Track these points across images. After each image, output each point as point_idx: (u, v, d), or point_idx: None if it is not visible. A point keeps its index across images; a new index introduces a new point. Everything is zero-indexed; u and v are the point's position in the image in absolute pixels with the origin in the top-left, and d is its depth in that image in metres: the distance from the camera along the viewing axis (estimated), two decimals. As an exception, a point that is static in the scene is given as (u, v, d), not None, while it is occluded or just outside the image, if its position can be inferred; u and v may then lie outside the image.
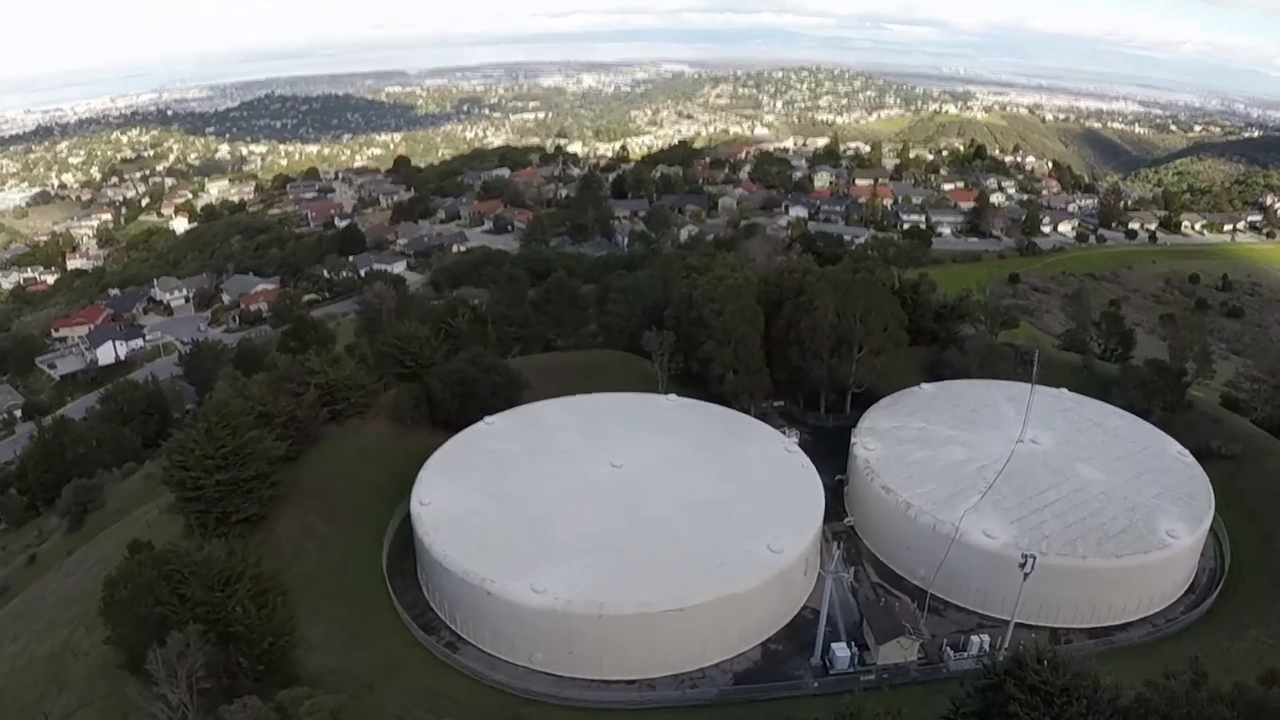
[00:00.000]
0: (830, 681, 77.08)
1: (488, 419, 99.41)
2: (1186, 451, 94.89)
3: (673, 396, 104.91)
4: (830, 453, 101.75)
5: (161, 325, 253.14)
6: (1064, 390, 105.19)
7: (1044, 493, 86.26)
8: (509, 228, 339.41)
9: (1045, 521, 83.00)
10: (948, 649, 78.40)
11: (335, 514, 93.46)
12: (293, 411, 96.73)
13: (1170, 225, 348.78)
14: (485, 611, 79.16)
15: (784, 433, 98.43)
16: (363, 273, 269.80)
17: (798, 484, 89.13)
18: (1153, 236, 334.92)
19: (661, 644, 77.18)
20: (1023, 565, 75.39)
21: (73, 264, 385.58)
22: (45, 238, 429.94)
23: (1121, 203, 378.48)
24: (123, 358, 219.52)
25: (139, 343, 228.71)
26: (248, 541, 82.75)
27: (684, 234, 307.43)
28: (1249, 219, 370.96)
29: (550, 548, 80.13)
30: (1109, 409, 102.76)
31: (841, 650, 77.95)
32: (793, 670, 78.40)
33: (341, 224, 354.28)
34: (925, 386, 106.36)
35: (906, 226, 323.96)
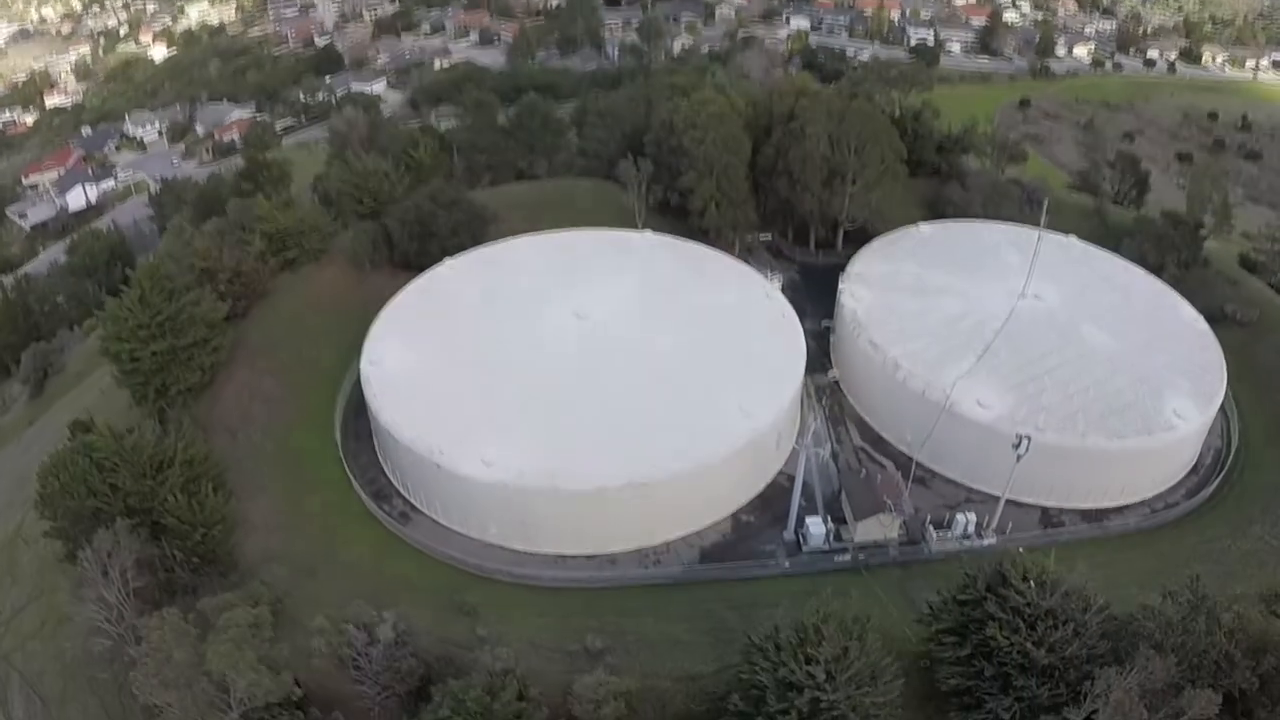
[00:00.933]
0: (803, 561, 69.77)
1: (447, 262, 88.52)
2: (1201, 318, 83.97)
3: (648, 233, 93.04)
4: (819, 293, 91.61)
5: (134, 163, 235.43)
6: (1073, 238, 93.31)
7: (1045, 357, 76.35)
8: (495, 40, 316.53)
9: (1045, 391, 73.51)
10: (930, 528, 70.90)
11: (286, 373, 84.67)
12: (237, 265, 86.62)
13: (1190, 56, 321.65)
14: (436, 483, 71.35)
15: (766, 276, 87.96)
16: (338, 95, 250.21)
17: (777, 337, 78.89)
18: (1171, 67, 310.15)
19: (622, 519, 69.47)
20: (1016, 446, 66.76)
21: (51, 102, 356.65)
22: (24, 76, 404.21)
23: (1141, 29, 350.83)
24: (94, 201, 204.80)
25: (110, 184, 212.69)
26: (184, 418, 74.48)
27: (678, 45, 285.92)
28: (1273, 57, 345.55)
29: (505, 413, 71.23)
30: (1120, 263, 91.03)
31: (816, 527, 70.21)
32: (764, 545, 70.87)
33: (321, 42, 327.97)
34: (923, 227, 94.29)
35: (914, 43, 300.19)
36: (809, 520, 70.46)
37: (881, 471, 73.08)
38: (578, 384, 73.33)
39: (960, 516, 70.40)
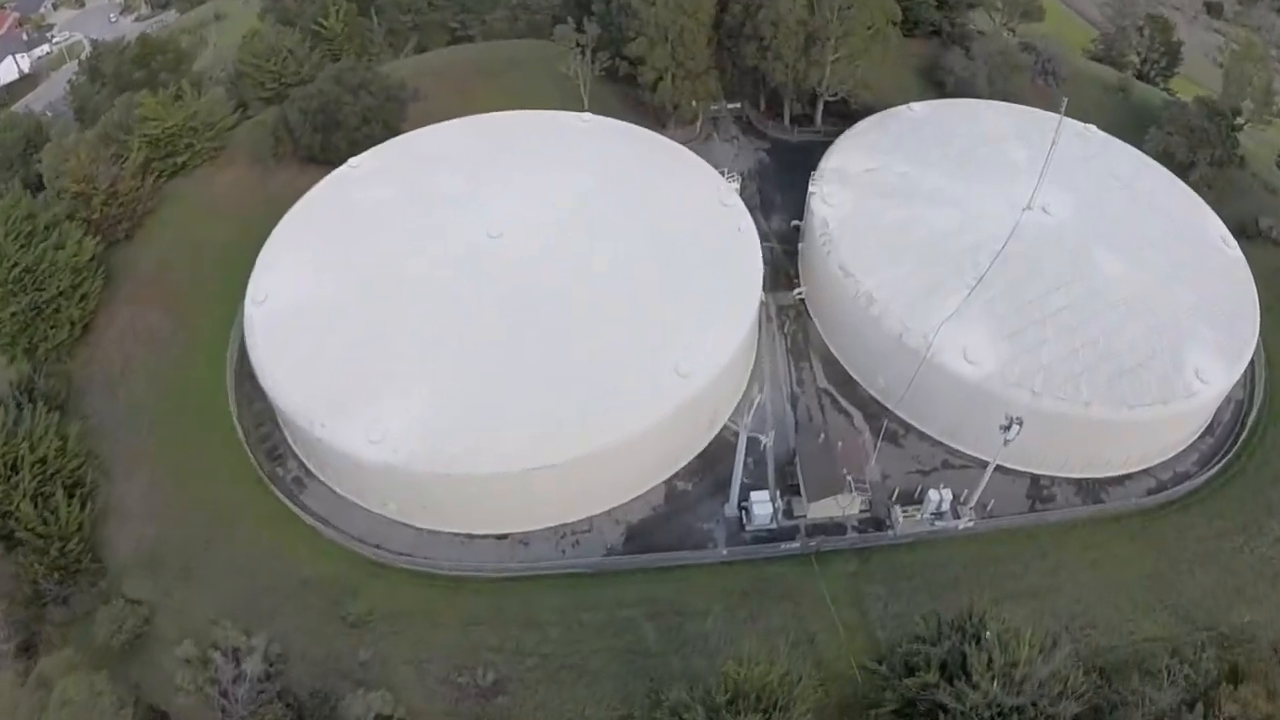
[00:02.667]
0: (745, 544, 56.17)
1: (351, 163, 69.26)
2: (1231, 239, 67.61)
3: (588, 116, 73.17)
4: (791, 180, 74.04)
5: (71, 22, 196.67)
6: (1092, 128, 74.49)
7: (1050, 294, 60.70)
8: None
9: (1046, 342, 58.49)
10: (897, 510, 58.11)
11: (177, 303, 68.64)
12: (112, 185, 68.86)
13: None
14: (323, 456, 57.41)
15: (724, 174, 69.63)
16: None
17: (730, 260, 62.08)
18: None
19: (533, 499, 55.59)
20: (1005, 429, 53.04)
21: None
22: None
23: None
24: (27, 71, 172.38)
25: (44, 49, 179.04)
26: (39, 400, 59.89)
27: None
28: None
29: (398, 367, 55.79)
30: (1143, 161, 72.89)
31: (762, 507, 56.51)
32: (701, 522, 57.61)
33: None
34: (916, 107, 74.92)
35: None
36: (754, 496, 57.18)
37: (840, 444, 58.52)
38: (484, 328, 57.25)
39: (933, 493, 57.14)
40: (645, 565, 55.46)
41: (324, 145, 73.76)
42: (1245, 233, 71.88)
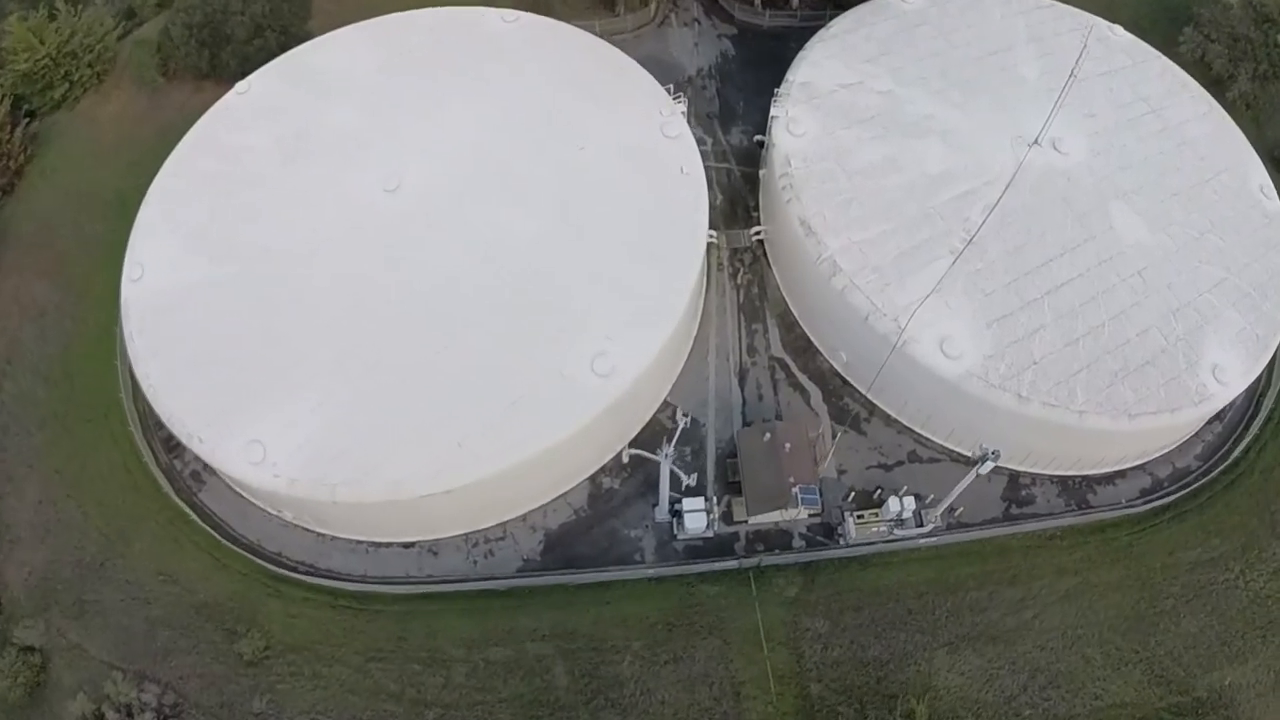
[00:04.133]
0: (677, 555, 46.68)
1: (238, 88, 53.57)
2: (1271, 188, 53.66)
3: (514, 14, 56.19)
4: (759, 79, 58.64)
5: None
6: (1118, 29, 58.78)
7: (1052, 264, 48.23)
8: None
9: (1041, 329, 46.66)
10: (849, 521, 48.05)
11: (65, 268, 55.98)
12: None
13: None
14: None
15: (669, 93, 53.63)
16: None
17: (668, 216, 48.21)
18: None
19: (435, 517, 45.56)
20: (978, 462, 42.33)
21: None
22: None
23: None
24: None
25: None
26: None
27: None
28: None
29: (279, 370, 44.04)
30: (1176, 78, 57.23)
31: (694, 520, 46.39)
32: (629, 527, 47.33)
33: None
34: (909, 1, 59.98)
35: None
36: (687, 502, 47.04)
37: (788, 445, 46.13)
38: (373, 319, 45.07)
39: (893, 501, 47.15)
40: (562, 581, 46.12)
41: (213, 63, 58.38)
42: (1283, 165, 58.81)
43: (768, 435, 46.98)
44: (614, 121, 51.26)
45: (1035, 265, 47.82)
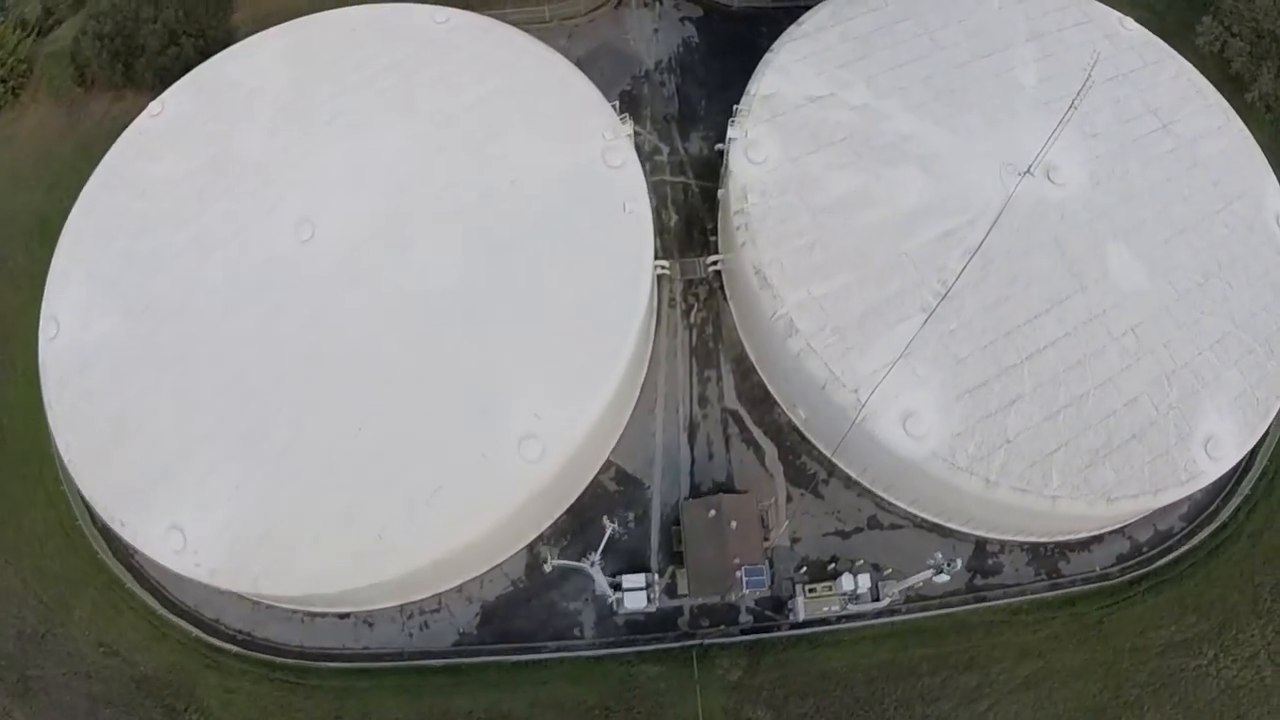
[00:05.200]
0: (617, 631, 42.39)
1: (151, 110, 45.92)
2: None
3: (446, 14, 47.57)
4: (725, 71, 50.70)
5: None
6: (1129, 22, 49.83)
7: (1035, 320, 41.67)
8: None
9: (1018, 400, 40.45)
10: (799, 598, 43.18)
11: None
12: None
13: None
14: None
15: (615, 110, 45.15)
16: None
17: (608, 259, 41.36)
18: None
19: (366, 597, 41.16)
20: (938, 570, 37.29)
21: None
22: None
23: None
24: None
25: None
26: None
27: None
28: None
29: (194, 446, 38.45)
30: (1188, 82, 48.61)
31: (635, 599, 41.53)
32: (568, 600, 42.71)
33: None
34: None
35: None
36: (626, 580, 41.84)
37: (734, 523, 40.93)
38: (288, 389, 39.11)
39: (846, 579, 42.28)
40: (496, 659, 42.10)
41: (127, 75, 50.91)
42: (1302, 182, 51.24)
43: (713, 512, 41.65)
44: (552, 147, 43.73)
45: (1017, 324, 41.40)
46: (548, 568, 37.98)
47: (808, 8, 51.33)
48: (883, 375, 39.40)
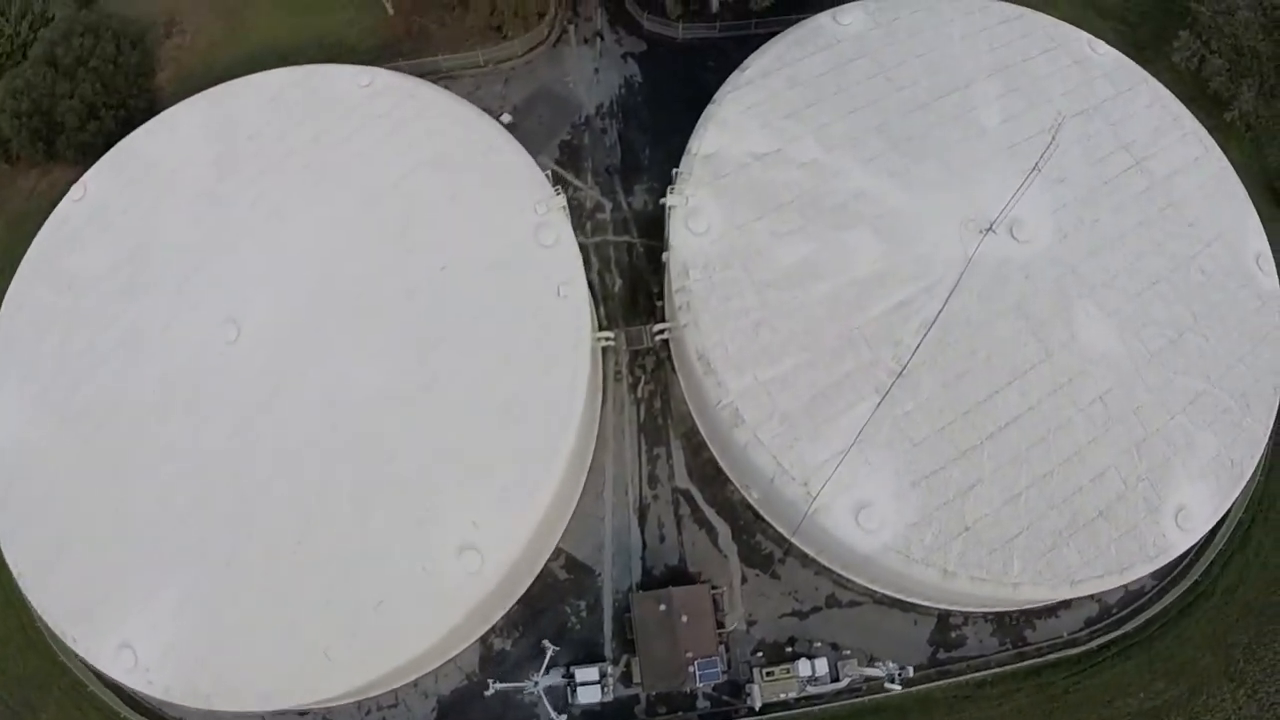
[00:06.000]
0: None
1: (73, 195, 42.47)
2: (1269, 258, 42.56)
3: (369, 76, 43.34)
4: (672, 114, 46.33)
5: None
6: (1100, 46, 45.18)
7: (996, 396, 38.57)
8: None
9: (978, 485, 37.50)
10: (756, 685, 41.08)
11: None
12: None
13: None
14: None
15: (547, 178, 40.80)
16: None
17: (543, 349, 38.06)
18: None
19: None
20: (890, 680, 35.16)
21: None
22: None
23: None
24: None
25: None
26: None
27: None
28: None
29: (140, 552, 36.50)
30: (1163, 110, 44.20)
31: (589, 692, 39.60)
32: (522, 693, 39.71)
33: None
34: (844, 19, 44.28)
35: None
36: (579, 673, 40.00)
37: (683, 615, 39.04)
38: (228, 494, 36.79)
39: (803, 664, 40.28)
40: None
41: (49, 153, 47.20)
42: (1284, 200, 47.47)
43: (663, 606, 39.43)
44: (481, 227, 40.21)
45: (977, 400, 38.36)
46: (489, 692, 35.96)
47: (757, 35, 47.14)
48: (834, 467, 36.67)
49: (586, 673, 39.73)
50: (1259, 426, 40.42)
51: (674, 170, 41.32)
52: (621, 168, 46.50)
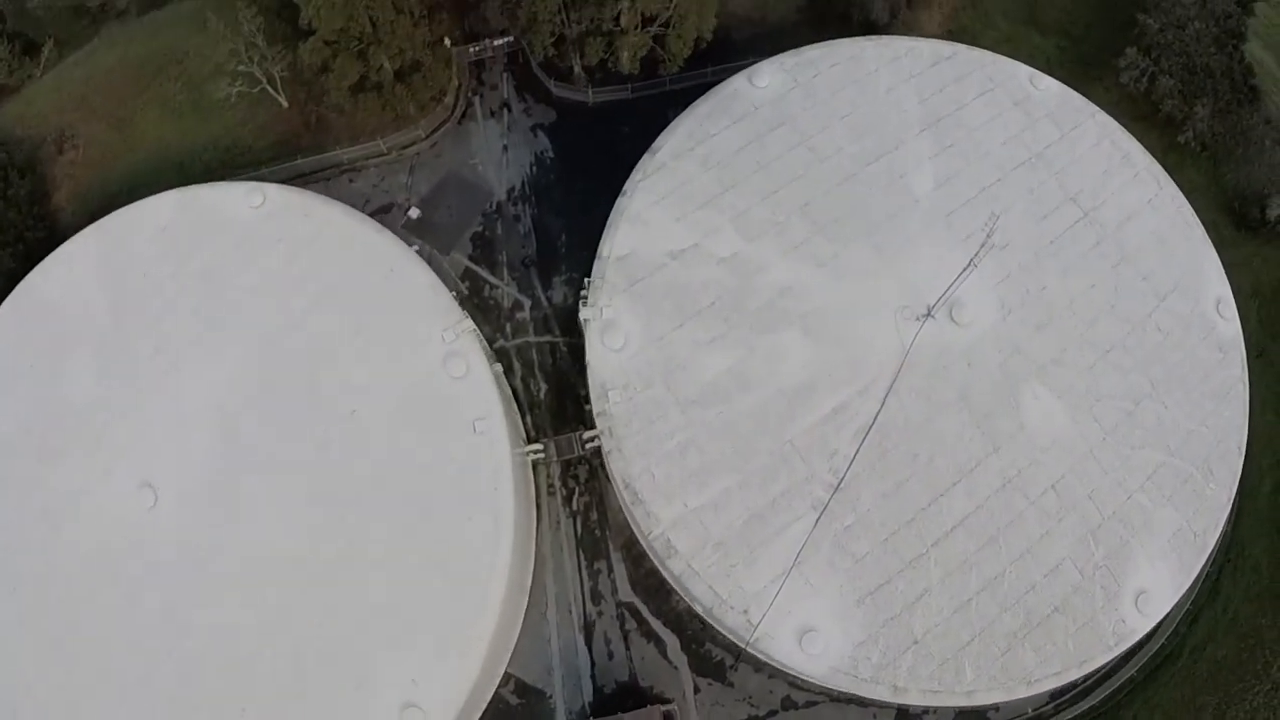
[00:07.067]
0: None
1: None
2: (1230, 304, 39.23)
3: (261, 195, 39.37)
4: (588, 190, 42.20)
5: None
6: (1042, 80, 40.33)
7: (941, 499, 35.52)
8: None
9: (926, 595, 34.74)
10: (707, 794, 39.46)
11: None
12: None
13: None
14: None
15: (454, 299, 37.42)
16: None
17: (463, 487, 35.41)
18: None
19: None
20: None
21: None
22: None
23: None
24: None
25: None
26: None
27: None
28: None
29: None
30: (1111, 147, 39.81)
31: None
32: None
33: None
34: (759, 81, 39.57)
35: None
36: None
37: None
38: (162, 675, 34.58)
39: (759, 775, 38.84)
40: None
41: None
42: (1246, 221, 42.95)
43: (613, 734, 37.68)
44: (388, 361, 37.00)
45: (921, 506, 35.55)
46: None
47: (672, 91, 42.67)
48: (773, 594, 34.20)
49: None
50: (1223, 492, 37.65)
51: (586, 279, 37.57)
52: (538, 259, 42.56)
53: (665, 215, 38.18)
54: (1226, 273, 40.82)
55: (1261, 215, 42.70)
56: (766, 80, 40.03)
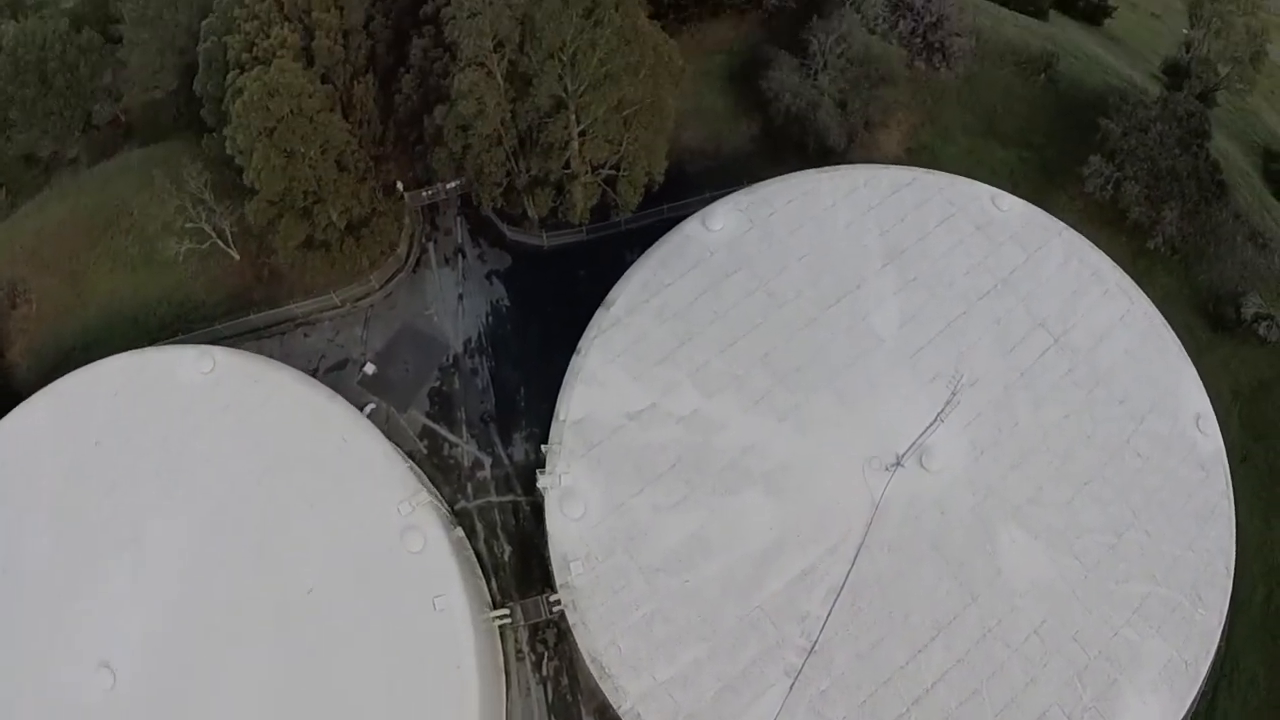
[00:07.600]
0: None
1: None
2: (1210, 417, 37.58)
3: (210, 360, 38.79)
4: (545, 337, 41.44)
5: None
6: (1004, 200, 38.83)
7: (919, 656, 33.83)
8: None
9: (908, 764, 34.09)
10: None
11: None
12: None
13: None
14: None
15: (419, 462, 37.18)
16: None
17: (425, 668, 34.02)
18: None
19: None
20: None
21: None
22: None
23: None
24: None
25: None
26: None
27: None
28: None
29: None
30: (1079, 265, 38.25)
31: None
32: None
33: None
34: (714, 224, 38.28)
35: None
36: None
37: None
38: None
39: None
40: None
41: None
42: (1224, 324, 41.21)
43: None
44: (344, 535, 36.07)
45: (899, 665, 34.08)
46: None
47: (627, 234, 41.48)
48: (746, 774, 32.83)
49: None
50: (1213, 617, 36.00)
51: (542, 446, 36.37)
52: (497, 414, 41.25)
53: (622, 374, 36.97)
54: (1204, 376, 39.35)
55: (1237, 314, 41.01)
56: (720, 223, 38.76)
